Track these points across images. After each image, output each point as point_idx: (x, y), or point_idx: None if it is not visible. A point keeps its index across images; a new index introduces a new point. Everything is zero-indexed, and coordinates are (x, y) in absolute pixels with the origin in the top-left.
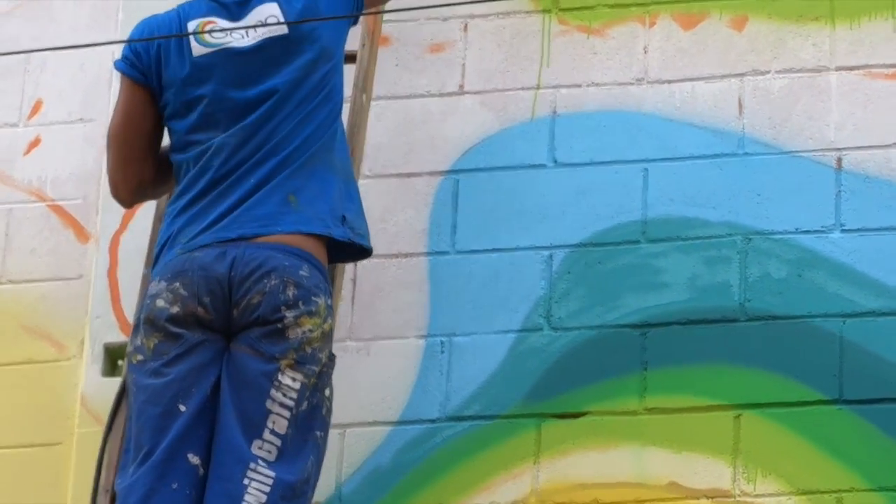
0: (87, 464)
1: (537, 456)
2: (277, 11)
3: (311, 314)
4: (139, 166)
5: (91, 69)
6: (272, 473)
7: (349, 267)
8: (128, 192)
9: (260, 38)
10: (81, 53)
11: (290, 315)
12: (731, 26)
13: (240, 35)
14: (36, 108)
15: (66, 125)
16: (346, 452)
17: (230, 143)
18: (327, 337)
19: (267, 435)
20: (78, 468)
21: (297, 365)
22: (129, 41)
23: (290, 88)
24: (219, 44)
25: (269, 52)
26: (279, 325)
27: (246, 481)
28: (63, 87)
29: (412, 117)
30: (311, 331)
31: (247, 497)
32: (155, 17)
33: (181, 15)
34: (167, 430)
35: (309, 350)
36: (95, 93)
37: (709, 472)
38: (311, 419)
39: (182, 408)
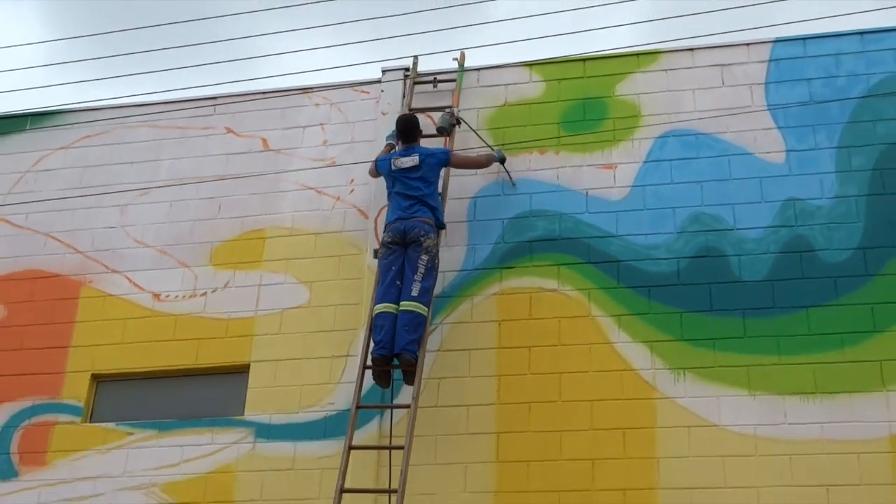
0: (368, 288)
1: (501, 281)
2: (417, 155)
3: (429, 238)
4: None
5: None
6: (420, 284)
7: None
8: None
9: (412, 165)
10: (364, 167)
11: (423, 238)
12: (551, 154)
13: (406, 163)
14: (351, 181)
15: (363, 185)
16: (444, 281)
17: (403, 194)
18: (436, 245)
19: (418, 273)
20: (366, 289)
21: (426, 254)
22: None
23: (420, 180)
24: (400, 167)
25: (414, 167)
26: (420, 241)
27: (412, 287)
28: (362, 175)
29: (463, 182)
30: (430, 243)
31: (412, 291)
32: (387, 154)
33: (392, 154)
34: (388, 276)
35: (430, 249)
36: (369, 179)
37: (556, 285)
38: (432, 269)
39: (393, 269)
